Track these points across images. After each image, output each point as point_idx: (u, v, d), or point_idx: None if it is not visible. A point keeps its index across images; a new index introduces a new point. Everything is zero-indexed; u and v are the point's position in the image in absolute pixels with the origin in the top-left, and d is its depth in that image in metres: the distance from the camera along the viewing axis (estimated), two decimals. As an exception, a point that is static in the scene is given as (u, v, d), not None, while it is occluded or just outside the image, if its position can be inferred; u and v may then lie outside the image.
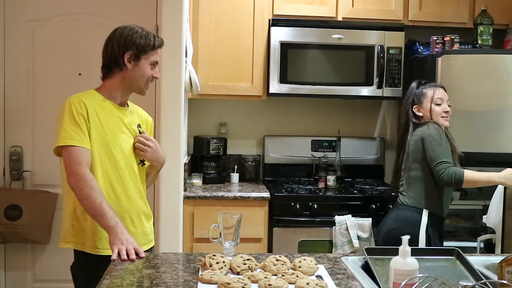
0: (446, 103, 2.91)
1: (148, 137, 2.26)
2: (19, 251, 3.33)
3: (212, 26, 3.52)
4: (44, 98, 3.30)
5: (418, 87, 2.95)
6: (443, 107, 2.88)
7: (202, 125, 3.87)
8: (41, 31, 3.30)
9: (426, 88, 2.92)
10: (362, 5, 3.61)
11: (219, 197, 3.28)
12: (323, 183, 3.67)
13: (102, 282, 1.68)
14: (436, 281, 1.53)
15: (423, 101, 2.90)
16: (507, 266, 1.64)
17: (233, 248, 1.94)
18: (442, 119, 2.87)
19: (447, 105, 2.90)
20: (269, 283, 1.63)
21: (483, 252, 2.87)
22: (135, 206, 2.21)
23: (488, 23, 3.46)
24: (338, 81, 3.58)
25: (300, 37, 3.51)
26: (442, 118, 2.87)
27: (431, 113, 2.87)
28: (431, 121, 2.85)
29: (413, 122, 2.91)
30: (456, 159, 2.81)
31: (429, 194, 2.80)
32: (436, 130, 2.79)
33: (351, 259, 1.97)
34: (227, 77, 3.55)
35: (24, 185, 3.32)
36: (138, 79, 2.18)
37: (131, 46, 2.13)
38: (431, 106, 2.87)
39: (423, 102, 2.90)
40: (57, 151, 2.10)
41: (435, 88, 2.92)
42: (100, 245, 2.10)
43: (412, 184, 2.85)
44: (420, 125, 2.87)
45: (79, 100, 2.10)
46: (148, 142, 2.24)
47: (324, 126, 3.92)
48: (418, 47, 3.70)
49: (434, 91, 2.89)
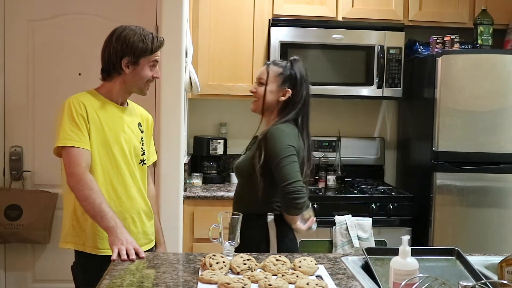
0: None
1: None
2: (19, 251, 3.33)
3: (212, 26, 3.53)
4: (44, 98, 3.30)
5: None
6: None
7: (202, 125, 3.88)
8: (41, 31, 3.30)
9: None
10: (362, 5, 3.61)
11: (219, 197, 3.28)
12: (323, 183, 3.67)
13: (102, 282, 1.68)
14: (436, 281, 1.53)
15: None
16: (507, 266, 1.64)
17: (233, 248, 1.94)
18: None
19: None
20: (269, 283, 1.63)
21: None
22: (136, 206, 2.21)
23: (488, 23, 3.47)
24: (338, 81, 3.58)
25: (300, 37, 3.51)
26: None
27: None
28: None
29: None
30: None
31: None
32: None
33: (351, 259, 1.97)
34: (227, 77, 3.55)
35: (24, 185, 3.32)
36: (137, 82, 2.16)
37: (128, 52, 2.10)
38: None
39: None
40: (57, 151, 2.09)
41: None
42: (101, 245, 2.10)
43: None
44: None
45: (79, 100, 2.09)
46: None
47: (324, 126, 3.92)
48: (418, 47, 3.70)
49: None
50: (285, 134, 2.25)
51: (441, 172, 3.32)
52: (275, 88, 2.33)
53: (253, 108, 2.40)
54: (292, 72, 2.34)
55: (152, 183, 2.47)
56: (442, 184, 3.32)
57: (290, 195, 2.18)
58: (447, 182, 3.32)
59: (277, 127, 2.28)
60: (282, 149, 2.21)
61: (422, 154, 3.52)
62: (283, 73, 2.33)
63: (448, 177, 3.32)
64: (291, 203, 2.20)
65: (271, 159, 2.22)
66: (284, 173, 2.19)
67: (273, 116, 2.37)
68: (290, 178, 2.18)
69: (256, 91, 2.37)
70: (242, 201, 2.38)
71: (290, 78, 2.33)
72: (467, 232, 3.35)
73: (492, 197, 3.35)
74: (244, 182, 2.37)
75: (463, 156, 3.31)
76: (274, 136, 2.24)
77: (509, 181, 3.35)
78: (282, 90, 2.33)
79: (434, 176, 3.32)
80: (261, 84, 2.35)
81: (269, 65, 2.38)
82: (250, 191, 2.29)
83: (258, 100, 2.36)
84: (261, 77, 2.36)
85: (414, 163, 3.73)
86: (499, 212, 3.36)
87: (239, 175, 2.41)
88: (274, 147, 2.22)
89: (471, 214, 3.35)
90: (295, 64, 2.37)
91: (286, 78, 2.33)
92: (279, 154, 2.21)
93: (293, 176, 2.18)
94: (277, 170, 2.21)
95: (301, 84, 2.34)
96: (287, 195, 2.19)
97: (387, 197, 3.43)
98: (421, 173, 3.51)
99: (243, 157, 2.40)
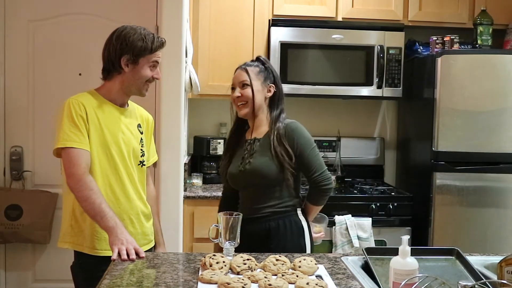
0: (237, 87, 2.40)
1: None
2: (19, 251, 3.34)
3: (212, 26, 3.53)
4: (44, 98, 3.30)
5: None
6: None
7: (202, 125, 3.88)
8: (41, 31, 3.30)
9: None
10: (362, 5, 3.61)
11: (219, 197, 3.26)
12: (323, 183, 3.67)
13: (102, 282, 1.68)
14: (435, 281, 1.53)
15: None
16: (506, 266, 1.64)
17: (233, 248, 1.94)
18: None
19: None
20: (269, 283, 1.63)
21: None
22: (134, 207, 2.21)
23: (488, 23, 3.47)
24: (338, 81, 3.58)
25: (300, 37, 3.52)
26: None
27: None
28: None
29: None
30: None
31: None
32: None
33: (351, 259, 1.97)
34: (227, 77, 3.52)
35: (25, 185, 3.32)
36: (136, 82, 2.15)
37: (127, 50, 2.10)
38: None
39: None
40: (57, 152, 2.09)
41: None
42: (99, 245, 2.10)
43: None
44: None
45: (78, 101, 2.09)
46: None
47: (324, 126, 3.92)
48: (418, 47, 3.71)
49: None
50: (302, 127, 2.35)
51: (440, 172, 3.32)
52: (260, 87, 2.36)
53: (243, 112, 2.38)
54: (268, 68, 2.40)
55: (152, 184, 2.47)
56: (442, 184, 3.33)
57: (322, 184, 2.31)
58: (446, 182, 3.33)
59: (292, 122, 2.35)
60: (308, 141, 2.32)
61: (421, 154, 3.53)
62: (261, 70, 2.38)
63: (447, 177, 3.33)
64: (323, 191, 2.33)
65: (300, 151, 2.29)
66: (315, 163, 2.31)
67: (264, 115, 2.39)
68: (321, 168, 2.32)
69: (242, 94, 2.36)
70: (266, 202, 2.31)
71: (269, 74, 2.39)
72: (467, 232, 3.35)
73: (491, 197, 3.35)
74: (269, 182, 2.30)
75: (462, 156, 3.31)
76: (296, 130, 2.31)
77: (509, 181, 3.35)
78: (266, 86, 2.37)
79: (434, 176, 3.33)
80: (245, 86, 2.36)
81: (244, 67, 2.39)
82: (277, 190, 2.31)
83: (247, 103, 2.36)
84: (243, 80, 2.36)
85: (413, 163, 3.73)
86: (499, 212, 3.36)
87: (262, 177, 2.30)
88: (300, 140, 2.30)
89: (470, 214, 3.35)
90: (266, 61, 2.43)
91: (266, 75, 2.38)
92: (308, 145, 2.31)
93: (323, 166, 2.33)
94: (308, 161, 2.30)
95: (278, 78, 2.42)
96: (320, 183, 2.31)
97: (387, 197, 3.43)
98: (421, 173, 3.51)
99: (258, 159, 2.30)
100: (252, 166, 2.31)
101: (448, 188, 3.33)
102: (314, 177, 2.30)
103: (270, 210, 2.30)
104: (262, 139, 2.34)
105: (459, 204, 3.34)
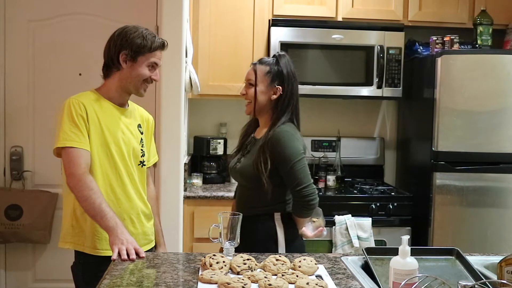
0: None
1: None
2: (19, 251, 3.34)
3: (212, 26, 3.53)
4: (44, 98, 3.31)
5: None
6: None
7: (202, 125, 3.88)
8: (41, 31, 3.30)
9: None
10: (362, 5, 3.62)
11: (219, 197, 3.28)
12: (323, 183, 3.68)
13: (102, 282, 1.68)
14: (435, 280, 1.53)
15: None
16: (506, 266, 1.64)
17: (233, 248, 1.95)
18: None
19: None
20: (269, 283, 1.63)
21: None
22: (135, 207, 2.21)
23: (488, 23, 3.47)
24: (338, 81, 3.58)
25: (300, 37, 3.52)
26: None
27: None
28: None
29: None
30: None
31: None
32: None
33: (351, 259, 1.97)
34: (227, 77, 3.55)
35: (25, 185, 3.32)
36: (133, 80, 2.15)
37: (126, 46, 2.11)
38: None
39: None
40: (57, 152, 2.10)
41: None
42: (100, 245, 2.11)
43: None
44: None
45: (78, 101, 2.10)
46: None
47: (324, 126, 3.92)
48: (418, 47, 3.71)
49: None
50: (290, 136, 2.24)
51: (440, 172, 3.32)
52: (265, 88, 2.30)
53: (247, 111, 2.38)
54: (279, 69, 2.30)
55: (152, 184, 2.47)
56: (442, 184, 3.33)
57: (304, 199, 2.20)
58: (446, 182, 3.33)
59: (281, 129, 2.24)
60: (292, 153, 2.21)
61: (421, 154, 3.53)
62: (270, 71, 2.30)
63: (447, 177, 3.33)
64: (305, 205, 2.22)
65: (282, 164, 2.21)
66: (298, 177, 2.20)
67: (268, 116, 2.34)
68: (304, 182, 2.20)
69: (246, 93, 2.34)
70: (247, 203, 2.33)
71: (278, 75, 2.30)
72: (467, 232, 3.35)
73: (491, 197, 3.35)
74: (249, 185, 2.32)
75: (462, 156, 3.31)
76: (281, 140, 2.21)
77: (508, 181, 3.35)
78: (272, 88, 2.30)
79: (434, 176, 3.33)
80: (250, 85, 2.33)
81: (255, 65, 2.34)
82: (257, 193, 2.27)
83: (250, 103, 2.34)
84: (249, 78, 2.34)
85: (413, 163, 3.73)
86: (499, 212, 3.36)
87: (244, 179, 2.35)
88: (284, 151, 2.20)
89: (470, 214, 3.36)
90: (281, 60, 2.32)
91: (274, 76, 2.30)
92: (290, 158, 2.20)
93: (307, 180, 2.21)
94: (290, 174, 2.21)
95: (289, 80, 2.30)
96: (302, 198, 2.21)
97: (387, 197, 3.43)
98: (421, 173, 3.51)
99: (245, 160, 2.32)
100: (240, 166, 2.33)
101: (448, 188, 3.33)
102: (296, 190, 2.21)
103: (251, 211, 2.26)
104: (259, 141, 2.31)
105: (459, 204, 3.35)
